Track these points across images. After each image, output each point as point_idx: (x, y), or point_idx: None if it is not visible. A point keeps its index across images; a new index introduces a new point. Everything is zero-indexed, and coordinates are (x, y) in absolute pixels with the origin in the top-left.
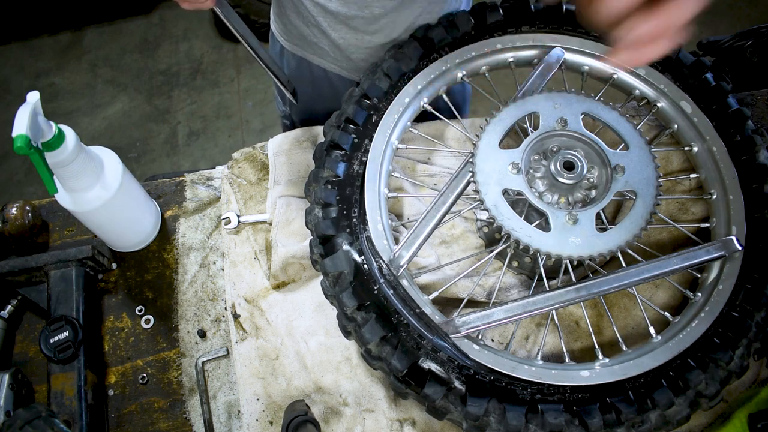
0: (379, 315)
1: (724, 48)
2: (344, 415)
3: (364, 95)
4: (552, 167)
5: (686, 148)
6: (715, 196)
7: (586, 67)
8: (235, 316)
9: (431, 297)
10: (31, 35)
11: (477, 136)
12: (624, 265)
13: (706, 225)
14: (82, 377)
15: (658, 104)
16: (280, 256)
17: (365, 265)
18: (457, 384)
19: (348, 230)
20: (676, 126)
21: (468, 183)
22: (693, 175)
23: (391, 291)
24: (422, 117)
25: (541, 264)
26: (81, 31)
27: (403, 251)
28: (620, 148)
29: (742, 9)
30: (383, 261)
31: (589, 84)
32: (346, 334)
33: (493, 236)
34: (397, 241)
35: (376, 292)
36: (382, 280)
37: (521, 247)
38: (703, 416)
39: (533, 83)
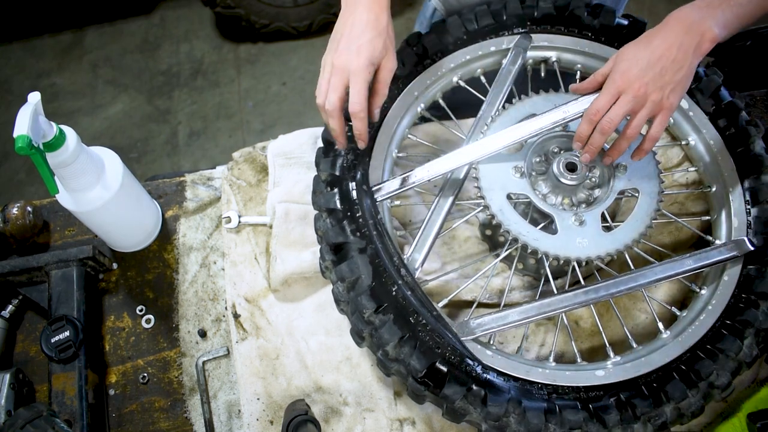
0: (397, 316)
1: (723, 48)
2: (344, 414)
3: None
4: (554, 169)
5: (683, 143)
6: (714, 189)
7: (579, 66)
8: (236, 316)
9: (446, 301)
10: (33, 35)
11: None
12: (632, 265)
13: (707, 218)
14: (82, 377)
15: None
16: (279, 274)
17: (381, 268)
18: (475, 385)
19: (358, 234)
20: (671, 120)
21: (464, 181)
22: (691, 168)
23: (409, 292)
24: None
25: (546, 265)
26: (82, 31)
27: (416, 254)
28: None
29: None
30: (401, 262)
31: None
32: (360, 340)
33: (497, 239)
34: (402, 246)
35: (394, 293)
36: (400, 282)
37: (529, 251)
38: (703, 415)
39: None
